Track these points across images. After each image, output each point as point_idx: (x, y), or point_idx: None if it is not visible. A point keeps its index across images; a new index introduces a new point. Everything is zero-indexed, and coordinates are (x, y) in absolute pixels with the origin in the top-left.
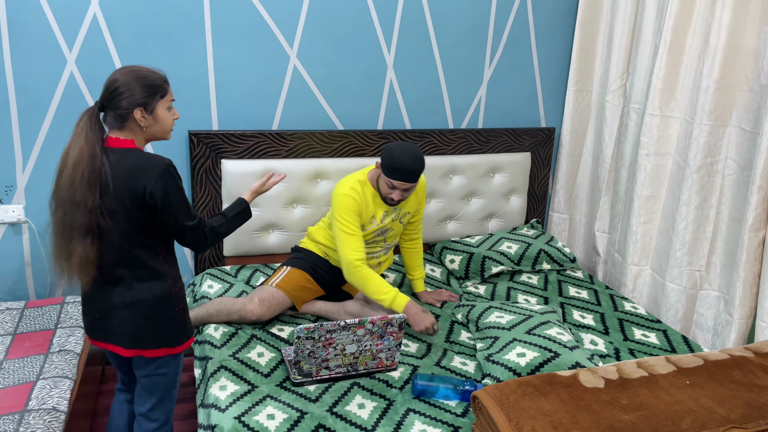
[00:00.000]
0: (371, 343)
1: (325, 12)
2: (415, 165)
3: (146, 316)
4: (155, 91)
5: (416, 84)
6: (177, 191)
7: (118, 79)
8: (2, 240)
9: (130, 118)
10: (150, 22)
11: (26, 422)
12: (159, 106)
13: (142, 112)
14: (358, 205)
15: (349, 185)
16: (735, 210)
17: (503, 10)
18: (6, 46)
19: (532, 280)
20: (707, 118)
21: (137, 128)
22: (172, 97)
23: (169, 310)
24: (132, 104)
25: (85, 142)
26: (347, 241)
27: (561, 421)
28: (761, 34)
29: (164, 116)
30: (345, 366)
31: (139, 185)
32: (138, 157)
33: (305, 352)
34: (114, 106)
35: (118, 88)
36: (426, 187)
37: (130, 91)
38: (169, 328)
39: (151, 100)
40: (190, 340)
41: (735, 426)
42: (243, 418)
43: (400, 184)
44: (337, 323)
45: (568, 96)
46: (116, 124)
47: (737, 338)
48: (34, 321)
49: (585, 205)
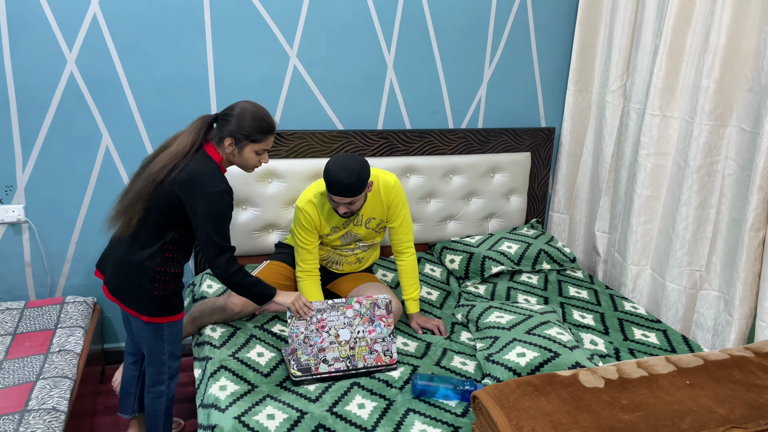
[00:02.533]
0: (363, 328)
1: (325, 12)
2: (346, 180)
3: (122, 273)
4: (252, 135)
5: (416, 84)
6: (208, 213)
7: (237, 108)
8: (2, 240)
9: (224, 141)
10: (150, 22)
11: (26, 422)
12: (248, 147)
13: (232, 143)
14: (312, 220)
15: (307, 199)
16: (735, 210)
17: (503, 9)
18: (6, 46)
19: (532, 280)
20: (707, 118)
21: (224, 151)
22: (266, 147)
23: (143, 282)
24: (229, 133)
25: (190, 140)
26: (299, 252)
27: (561, 421)
28: (761, 34)
29: (249, 156)
30: (343, 360)
31: (186, 186)
32: (210, 170)
33: (300, 337)
34: (221, 124)
35: (232, 114)
36: (398, 189)
37: (238, 123)
38: (140, 296)
39: (245, 140)
40: (165, 318)
41: (735, 426)
42: (243, 418)
43: (338, 198)
44: (326, 302)
45: (568, 96)
46: (215, 138)
47: (737, 338)
48: (34, 321)
49: (585, 205)
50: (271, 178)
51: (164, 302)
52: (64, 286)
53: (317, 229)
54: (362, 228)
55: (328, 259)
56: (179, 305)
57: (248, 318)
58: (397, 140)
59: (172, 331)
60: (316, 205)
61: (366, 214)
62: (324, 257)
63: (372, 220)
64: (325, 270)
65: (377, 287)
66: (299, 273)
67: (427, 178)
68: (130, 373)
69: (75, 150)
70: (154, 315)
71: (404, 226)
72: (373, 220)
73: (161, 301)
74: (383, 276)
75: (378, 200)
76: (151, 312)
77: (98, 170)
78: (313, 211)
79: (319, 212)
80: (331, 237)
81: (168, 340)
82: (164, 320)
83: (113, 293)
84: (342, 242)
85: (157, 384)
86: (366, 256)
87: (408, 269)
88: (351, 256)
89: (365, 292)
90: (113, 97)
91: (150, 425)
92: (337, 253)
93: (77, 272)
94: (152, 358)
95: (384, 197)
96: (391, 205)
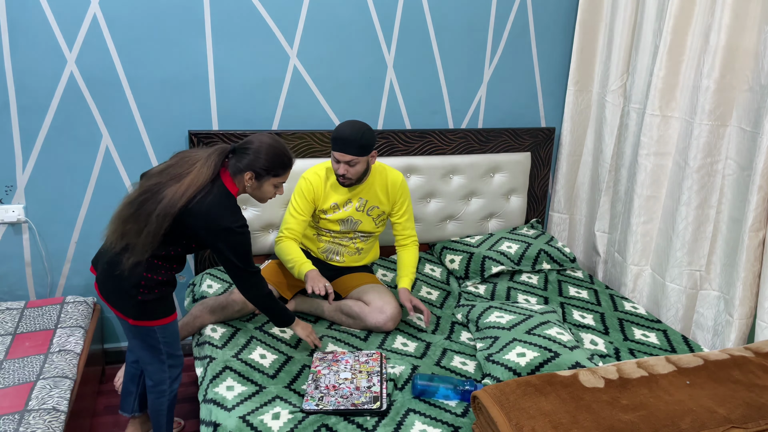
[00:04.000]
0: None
1: (325, 12)
2: (350, 135)
3: (111, 277)
4: (272, 170)
5: (416, 84)
6: (233, 247)
7: (255, 141)
8: (2, 240)
9: (241, 174)
10: (150, 22)
11: (26, 422)
12: (268, 182)
13: (252, 177)
14: (312, 189)
15: (314, 170)
16: (735, 210)
17: (503, 10)
18: (6, 46)
19: (532, 280)
20: (707, 118)
21: (241, 183)
22: (284, 180)
23: (131, 288)
24: (248, 167)
25: (208, 173)
26: (285, 218)
27: (561, 421)
28: (761, 34)
29: (267, 190)
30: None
31: (203, 215)
32: (224, 204)
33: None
34: (239, 157)
35: (250, 147)
36: (405, 188)
37: (257, 157)
38: (127, 301)
39: (266, 174)
40: (153, 322)
41: (735, 426)
42: (247, 418)
43: (339, 155)
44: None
45: (568, 96)
46: (232, 170)
47: (737, 338)
48: (34, 321)
49: (585, 205)
50: None
51: (150, 306)
52: (64, 286)
53: (315, 201)
54: (364, 215)
55: (329, 250)
56: (168, 308)
57: (248, 318)
58: (397, 140)
59: (165, 333)
60: (321, 177)
61: (371, 201)
62: (324, 249)
63: (375, 208)
64: (326, 266)
65: (377, 288)
66: (279, 235)
67: (427, 178)
68: (131, 371)
69: (75, 150)
70: (141, 318)
71: (410, 221)
72: (376, 209)
73: (147, 306)
74: (383, 276)
75: (384, 191)
76: (137, 315)
77: (98, 170)
78: (315, 181)
79: (323, 184)
80: (330, 216)
81: (163, 342)
82: (152, 323)
83: (102, 294)
84: (341, 227)
85: (159, 384)
86: (365, 248)
87: (407, 259)
88: (350, 246)
89: (366, 293)
90: (113, 97)
91: (154, 423)
92: (336, 243)
93: (77, 272)
94: (150, 358)
95: (390, 191)
96: (397, 201)
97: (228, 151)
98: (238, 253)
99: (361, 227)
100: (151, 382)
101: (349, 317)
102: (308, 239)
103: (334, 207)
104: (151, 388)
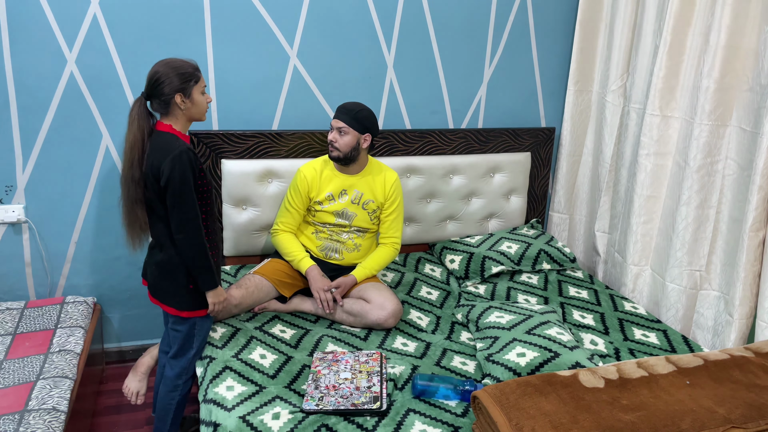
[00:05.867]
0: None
1: (325, 12)
2: (350, 105)
3: (160, 274)
4: (190, 77)
5: (416, 84)
6: (179, 178)
7: (159, 71)
8: (2, 240)
9: (172, 103)
10: (150, 22)
11: (26, 422)
12: (194, 91)
13: (182, 96)
14: (306, 182)
15: (311, 163)
16: (735, 210)
17: (503, 10)
18: (6, 46)
19: (532, 280)
20: (707, 118)
21: (179, 112)
22: (204, 83)
23: (179, 277)
24: (172, 90)
25: (137, 129)
26: (280, 212)
27: (561, 421)
28: (761, 34)
29: (199, 99)
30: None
31: (158, 164)
32: (166, 141)
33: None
34: (157, 94)
35: (159, 78)
36: (398, 187)
37: (170, 80)
38: (178, 292)
39: (188, 86)
40: (200, 312)
41: (735, 426)
42: (247, 418)
43: (334, 121)
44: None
45: (568, 96)
46: (161, 110)
47: (737, 338)
48: (34, 321)
49: (585, 205)
50: (271, 178)
51: (201, 294)
52: (64, 286)
53: (309, 194)
54: (359, 208)
55: (327, 248)
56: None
57: (248, 319)
58: (397, 140)
59: (203, 327)
60: (317, 169)
61: (366, 194)
62: (323, 247)
63: (370, 202)
64: (326, 265)
65: (377, 286)
66: (274, 227)
67: (427, 178)
68: (162, 372)
69: (75, 150)
70: (192, 309)
71: (396, 222)
72: (371, 204)
73: (198, 294)
74: (383, 276)
75: (381, 185)
76: (189, 306)
77: (98, 170)
78: (310, 174)
79: (318, 176)
80: (326, 208)
81: (198, 337)
82: (200, 313)
83: (154, 296)
84: (336, 219)
85: (176, 378)
86: (363, 244)
87: (377, 255)
88: (348, 242)
89: (366, 291)
90: (113, 97)
91: (159, 421)
92: (334, 240)
93: (77, 272)
94: (180, 352)
95: (386, 187)
96: (389, 198)
97: (144, 100)
98: (180, 190)
99: (357, 221)
100: (171, 374)
101: (350, 315)
102: (307, 238)
103: (329, 197)
104: (168, 380)
